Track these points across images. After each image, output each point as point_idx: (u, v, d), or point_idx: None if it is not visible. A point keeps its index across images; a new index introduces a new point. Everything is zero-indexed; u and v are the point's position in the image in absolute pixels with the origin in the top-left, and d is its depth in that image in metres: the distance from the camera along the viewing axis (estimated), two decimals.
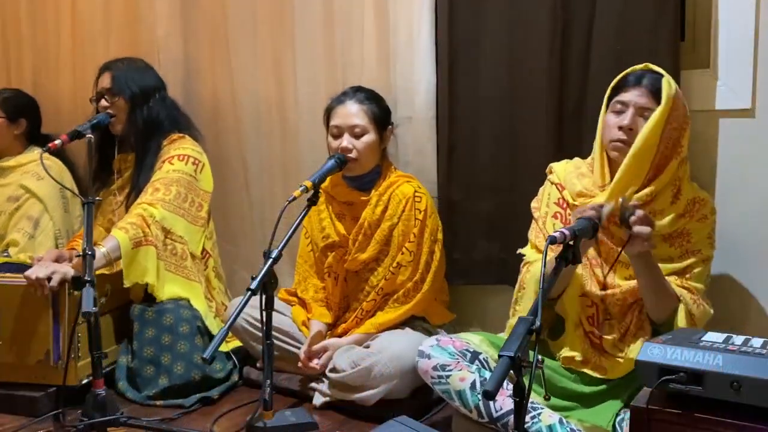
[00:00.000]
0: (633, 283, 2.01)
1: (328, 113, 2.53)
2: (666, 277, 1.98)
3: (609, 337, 2.05)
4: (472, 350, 2.09)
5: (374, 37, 2.71)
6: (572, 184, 2.13)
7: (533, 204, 2.25)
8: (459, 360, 2.04)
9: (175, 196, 2.63)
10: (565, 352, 2.08)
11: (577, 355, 2.06)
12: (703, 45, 2.32)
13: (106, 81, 2.71)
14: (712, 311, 2.03)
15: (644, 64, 2.08)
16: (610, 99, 2.08)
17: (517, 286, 2.16)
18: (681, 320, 1.96)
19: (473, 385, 1.99)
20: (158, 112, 2.73)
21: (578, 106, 2.39)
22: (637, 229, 1.83)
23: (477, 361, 2.06)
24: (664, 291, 1.96)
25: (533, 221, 2.22)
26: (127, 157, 2.79)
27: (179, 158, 2.68)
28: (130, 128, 2.71)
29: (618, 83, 2.08)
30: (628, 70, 2.08)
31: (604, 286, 2.05)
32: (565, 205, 2.15)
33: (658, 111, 1.97)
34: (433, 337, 2.15)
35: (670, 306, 1.97)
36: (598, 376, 2.05)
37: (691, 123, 2.04)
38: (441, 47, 2.57)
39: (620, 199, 1.89)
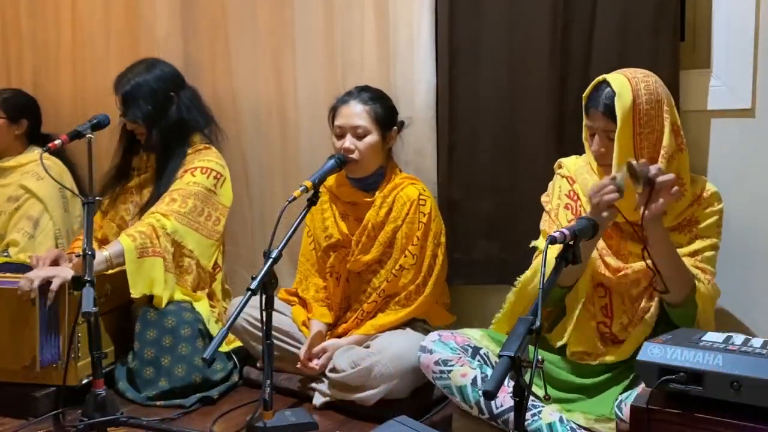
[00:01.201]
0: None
1: (333, 113, 2.52)
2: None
3: (618, 321, 2.05)
4: (473, 345, 2.10)
5: (374, 37, 2.70)
6: (584, 180, 2.13)
7: (543, 198, 2.25)
8: (461, 355, 2.05)
9: (191, 210, 2.61)
10: (574, 347, 2.08)
11: (587, 348, 2.06)
12: (702, 45, 2.33)
13: (120, 106, 2.70)
14: (720, 291, 2.04)
15: (602, 76, 2.02)
16: (586, 108, 2.07)
17: (529, 270, 2.13)
18: (699, 298, 1.95)
19: (474, 381, 1.99)
20: (178, 116, 2.72)
21: (578, 106, 2.38)
22: (661, 179, 1.80)
23: (478, 356, 2.08)
24: (681, 269, 1.95)
25: (545, 213, 2.22)
26: (149, 156, 2.78)
27: (202, 171, 2.67)
28: (153, 140, 2.71)
29: (587, 97, 2.05)
30: (594, 81, 2.04)
31: (617, 271, 2.03)
32: (576, 198, 2.15)
33: (618, 131, 1.93)
34: (434, 333, 2.15)
35: (688, 286, 1.96)
36: (601, 362, 2.05)
37: (672, 119, 1.98)
38: (441, 47, 2.57)
39: (628, 162, 1.82)
